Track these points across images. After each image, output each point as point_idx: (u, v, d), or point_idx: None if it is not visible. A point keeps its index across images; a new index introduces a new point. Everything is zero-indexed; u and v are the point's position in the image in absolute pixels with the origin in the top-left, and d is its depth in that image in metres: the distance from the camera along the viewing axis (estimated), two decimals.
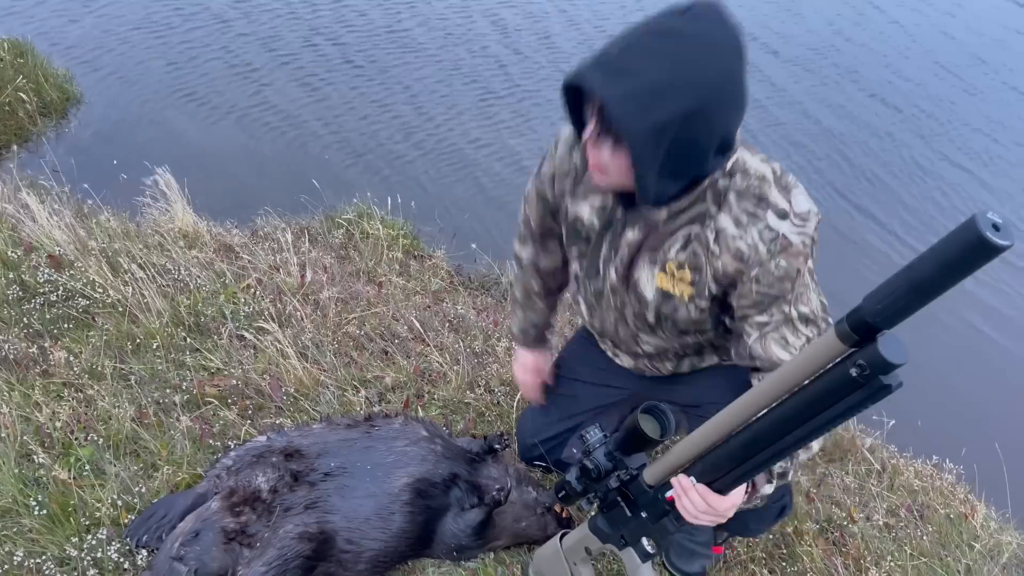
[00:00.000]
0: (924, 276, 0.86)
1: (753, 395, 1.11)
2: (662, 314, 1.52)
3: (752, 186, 1.36)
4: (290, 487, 1.78)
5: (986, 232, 0.78)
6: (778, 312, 1.40)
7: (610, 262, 1.53)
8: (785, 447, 1.10)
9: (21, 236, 2.83)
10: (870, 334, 0.93)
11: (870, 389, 0.95)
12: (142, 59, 5.46)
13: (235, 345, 2.46)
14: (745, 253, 1.37)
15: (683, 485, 1.20)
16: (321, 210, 3.66)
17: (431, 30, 6.36)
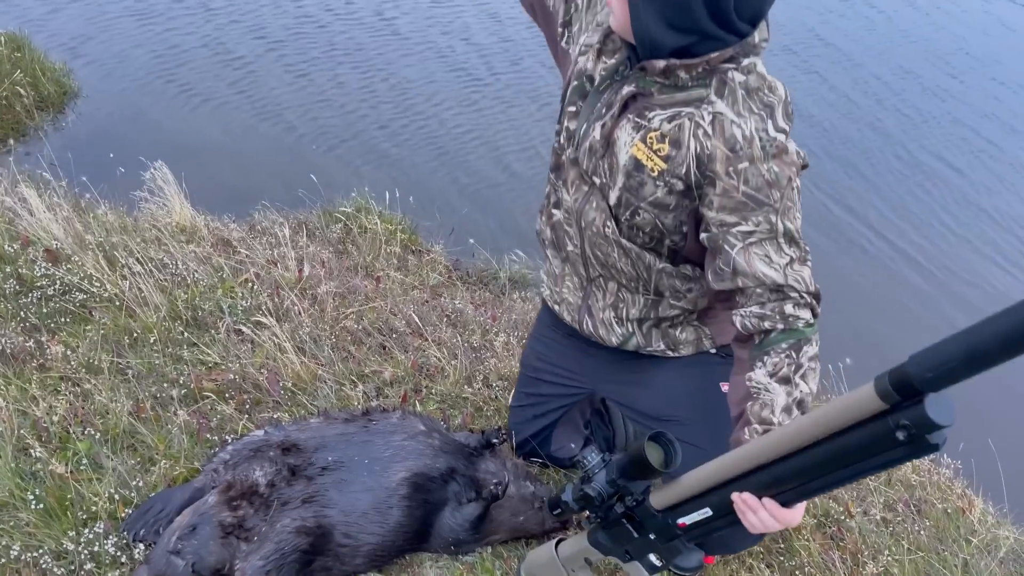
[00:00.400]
0: (983, 349, 0.81)
1: (781, 433, 1.07)
2: (629, 188, 1.46)
3: (764, 93, 1.35)
4: (287, 481, 1.77)
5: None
6: (764, 221, 1.35)
7: (599, 119, 1.49)
8: (813, 491, 1.08)
9: (18, 230, 2.82)
10: (912, 396, 0.89)
11: (915, 447, 0.92)
12: (140, 53, 5.44)
13: (233, 339, 2.46)
14: (739, 143, 1.33)
15: (750, 504, 1.14)
16: (319, 204, 3.65)
17: (431, 24, 6.34)
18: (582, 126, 1.52)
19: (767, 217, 1.35)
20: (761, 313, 1.38)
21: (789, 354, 1.36)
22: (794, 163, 1.35)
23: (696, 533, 1.28)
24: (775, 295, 1.37)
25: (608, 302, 1.71)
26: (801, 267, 1.38)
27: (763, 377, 1.37)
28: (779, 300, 1.37)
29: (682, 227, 1.49)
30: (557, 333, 1.93)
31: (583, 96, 1.54)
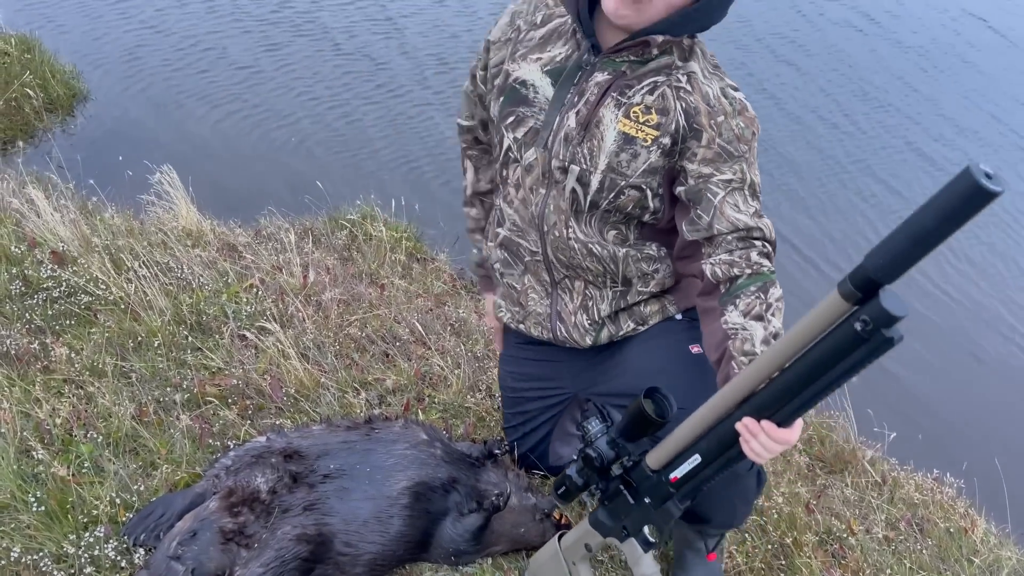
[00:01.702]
0: (924, 227, 0.90)
1: (762, 360, 1.13)
2: (616, 167, 1.49)
3: (709, 54, 1.50)
4: (289, 488, 1.77)
5: (981, 180, 0.84)
6: (740, 171, 1.45)
7: (571, 108, 1.51)
8: (798, 407, 1.14)
9: (25, 231, 2.83)
10: (872, 291, 0.97)
11: (874, 344, 0.99)
12: (149, 57, 5.46)
13: (236, 345, 2.46)
14: (712, 99, 1.45)
15: (751, 429, 1.19)
16: (325, 211, 3.66)
17: (440, 31, 6.36)
18: (552, 120, 1.52)
19: (740, 167, 1.46)
20: (730, 260, 1.46)
21: (758, 295, 1.43)
22: (755, 122, 1.48)
23: (687, 488, 1.33)
24: (743, 243, 1.46)
25: (577, 303, 1.72)
26: (762, 218, 1.49)
27: (738, 318, 1.43)
28: (746, 248, 1.46)
29: (659, 189, 1.54)
30: (525, 350, 1.94)
31: (519, 103, 1.55)
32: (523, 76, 1.54)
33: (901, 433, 2.80)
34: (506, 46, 1.59)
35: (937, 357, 4.09)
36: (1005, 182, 0.85)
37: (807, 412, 1.17)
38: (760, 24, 7.12)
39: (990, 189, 0.84)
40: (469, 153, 1.86)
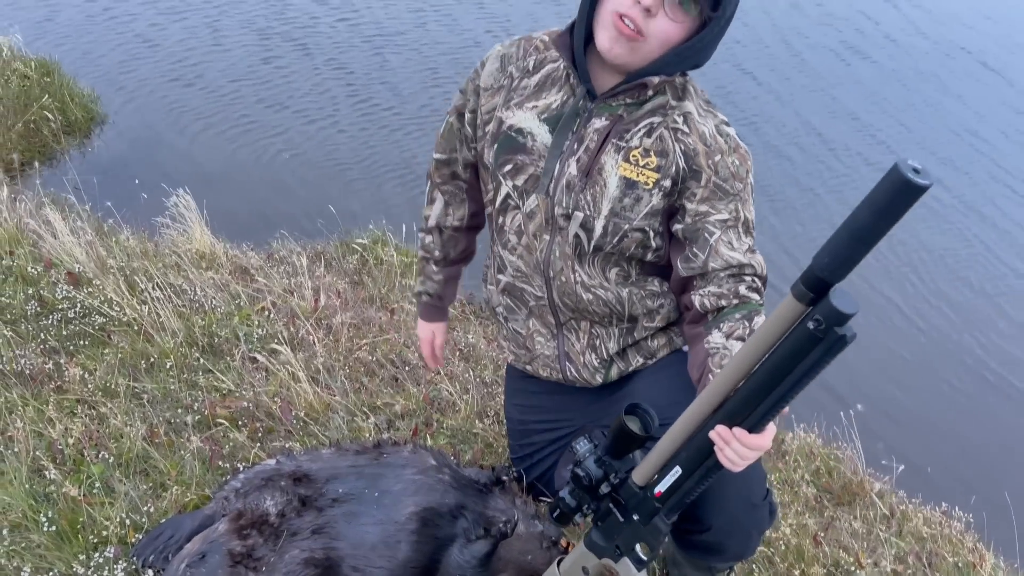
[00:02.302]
0: (862, 224, 0.94)
1: (728, 370, 1.16)
2: (619, 212, 1.50)
3: (701, 90, 1.51)
4: (298, 512, 1.78)
5: (908, 175, 0.87)
6: (734, 210, 1.47)
7: (572, 155, 1.51)
8: (765, 411, 1.16)
9: (42, 252, 2.87)
10: (823, 290, 1.00)
11: (828, 343, 1.02)
12: (166, 82, 5.56)
13: (247, 367, 2.48)
14: (708, 138, 1.46)
15: (724, 436, 1.20)
16: (336, 235, 3.70)
17: (453, 54, 6.44)
18: (552, 168, 1.53)
19: (736, 205, 1.48)
20: (719, 292, 1.48)
21: (743, 322, 1.45)
22: (748, 158, 1.50)
23: (672, 502, 1.34)
24: (733, 278, 1.48)
25: (584, 343, 1.73)
26: (755, 254, 1.51)
27: (720, 338, 1.45)
28: (736, 282, 1.48)
29: (660, 227, 1.55)
30: (531, 383, 1.94)
31: (517, 151, 1.55)
32: (519, 124, 1.54)
33: (909, 466, 2.79)
34: (498, 93, 1.58)
35: (945, 390, 4.08)
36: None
37: (776, 415, 1.19)
38: (739, 50, 7.19)
39: (918, 183, 0.87)
40: (443, 188, 1.83)
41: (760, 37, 7.48)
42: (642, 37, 1.36)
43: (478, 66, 1.62)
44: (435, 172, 1.83)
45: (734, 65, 6.87)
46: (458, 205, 1.84)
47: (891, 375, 4.11)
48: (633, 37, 1.36)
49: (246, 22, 6.46)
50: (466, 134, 1.70)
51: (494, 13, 7.16)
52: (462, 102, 1.68)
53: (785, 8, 8.18)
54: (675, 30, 1.37)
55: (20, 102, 4.63)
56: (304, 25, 6.57)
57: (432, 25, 6.84)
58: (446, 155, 1.77)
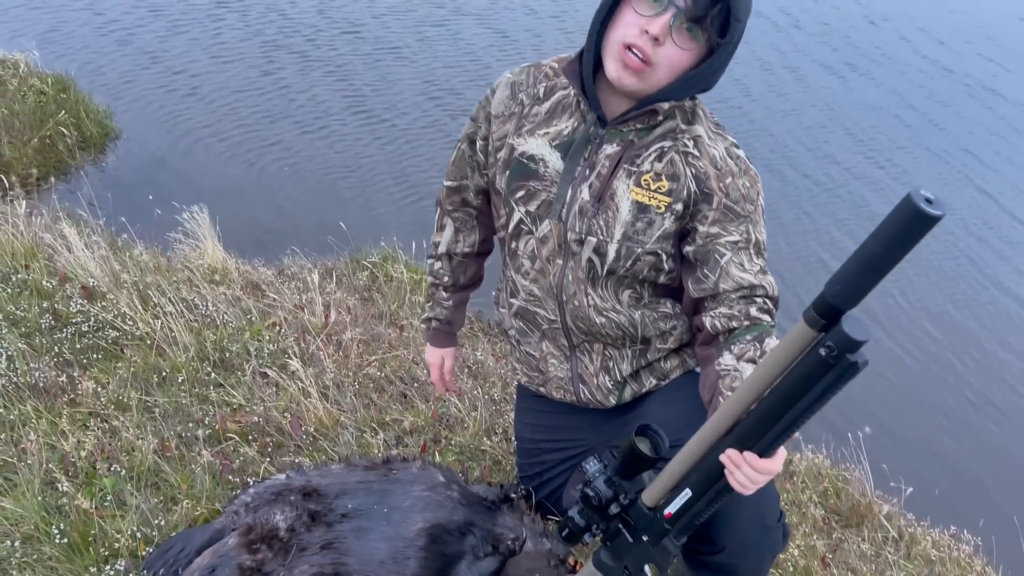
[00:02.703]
0: (874, 253, 0.95)
1: (739, 393, 1.17)
2: (632, 235, 1.51)
3: (709, 113, 1.52)
4: (307, 527, 1.79)
5: (921, 205, 0.88)
6: (745, 232, 1.48)
7: (584, 181, 1.53)
8: (776, 436, 1.16)
9: (56, 266, 2.90)
10: (835, 316, 1.01)
11: (840, 369, 1.03)
12: (180, 99, 5.63)
13: (258, 382, 2.50)
14: (718, 161, 1.48)
15: (734, 460, 1.21)
16: (347, 252, 3.73)
17: (467, 73, 6.50)
18: (564, 194, 1.54)
19: (747, 227, 1.49)
20: (729, 313, 1.49)
21: (753, 343, 1.45)
22: (758, 180, 1.51)
23: (681, 524, 1.35)
24: (744, 300, 1.49)
25: (598, 365, 1.74)
26: (766, 276, 1.52)
27: (731, 360, 1.45)
28: (746, 303, 1.49)
29: (672, 250, 1.57)
30: (542, 402, 1.94)
31: (529, 177, 1.57)
32: (531, 151, 1.56)
33: (918, 488, 2.78)
34: (509, 120, 1.60)
35: (955, 413, 4.06)
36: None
37: (787, 440, 1.20)
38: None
39: (931, 214, 0.88)
40: (453, 215, 1.84)
41: (757, 54, 7.53)
42: (649, 66, 1.38)
43: (488, 93, 1.64)
44: (445, 199, 1.84)
45: (734, 80, 6.92)
46: (468, 232, 1.86)
47: (900, 397, 4.10)
48: (640, 69, 1.39)
49: (260, 41, 6.54)
50: (478, 161, 1.72)
51: (499, 30, 7.23)
52: (473, 129, 1.70)
53: (785, 25, 8.23)
54: (683, 57, 1.39)
55: (36, 118, 4.70)
56: (314, 40, 6.65)
57: (441, 46, 6.90)
58: (457, 182, 1.79)
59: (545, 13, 7.59)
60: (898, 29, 8.65)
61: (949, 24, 9.05)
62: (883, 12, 8.97)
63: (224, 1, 7.12)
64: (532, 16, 7.52)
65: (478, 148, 1.69)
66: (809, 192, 5.76)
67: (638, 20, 1.36)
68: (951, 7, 9.50)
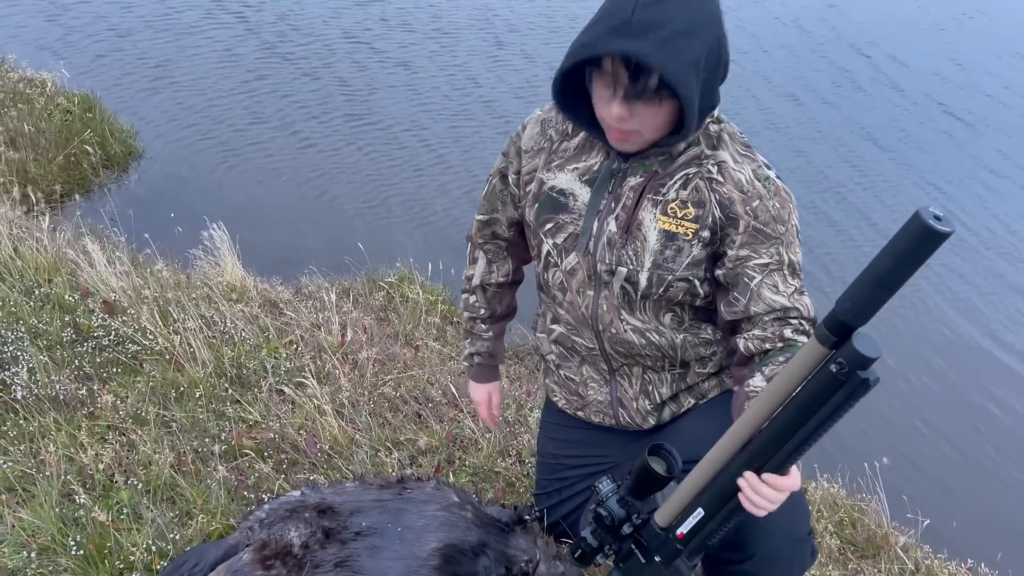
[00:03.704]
0: (884, 270, 0.96)
1: (751, 412, 1.17)
2: (662, 263, 1.52)
3: (736, 133, 1.51)
4: (321, 544, 1.79)
5: (930, 222, 0.89)
6: (776, 254, 1.47)
7: (610, 214, 1.53)
8: (788, 454, 1.17)
9: (79, 281, 2.95)
10: (846, 334, 1.02)
11: (851, 386, 1.03)
12: (203, 120, 5.72)
13: (274, 399, 2.52)
14: (745, 185, 1.47)
15: (752, 482, 1.21)
16: (364, 272, 3.76)
17: (487, 97, 6.56)
18: (590, 227, 1.55)
19: (776, 249, 1.48)
20: (763, 335, 1.49)
21: (784, 364, 1.44)
22: (790, 200, 1.50)
23: (694, 544, 1.35)
24: (778, 321, 1.49)
25: (637, 388, 1.74)
26: (802, 296, 1.51)
27: (760, 381, 1.45)
28: (781, 325, 1.48)
29: (706, 274, 1.57)
30: (571, 419, 1.93)
31: (558, 210, 1.58)
32: (560, 185, 1.58)
33: (935, 520, 2.75)
34: (539, 155, 1.62)
35: (973, 445, 4.02)
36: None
37: (800, 458, 1.20)
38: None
39: (939, 230, 0.89)
40: (485, 248, 1.86)
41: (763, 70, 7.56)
42: (634, 133, 1.41)
43: (519, 129, 1.67)
44: (477, 233, 1.86)
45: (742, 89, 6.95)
46: (501, 262, 1.87)
47: (917, 427, 4.06)
48: (626, 138, 1.42)
49: (282, 64, 6.65)
50: (511, 193, 1.73)
51: (523, 55, 7.31)
52: (504, 164, 1.71)
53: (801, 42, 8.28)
54: (659, 116, 1.38)
55: (62, 136, 4.78)
56: (333, 65, 6.75)
57: (463, 72, 6.99)
58: (488, 215, 1.80)
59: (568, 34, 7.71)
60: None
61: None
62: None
63: (249, 24, 7.25)
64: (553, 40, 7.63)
65: (511, 182, 1.71)
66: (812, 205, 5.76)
67: (601, 100, 1.39)
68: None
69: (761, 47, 8.21)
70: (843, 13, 9.29)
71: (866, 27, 8.98)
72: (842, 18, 9.16)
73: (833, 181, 6.16)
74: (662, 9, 1.27)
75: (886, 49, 8.52)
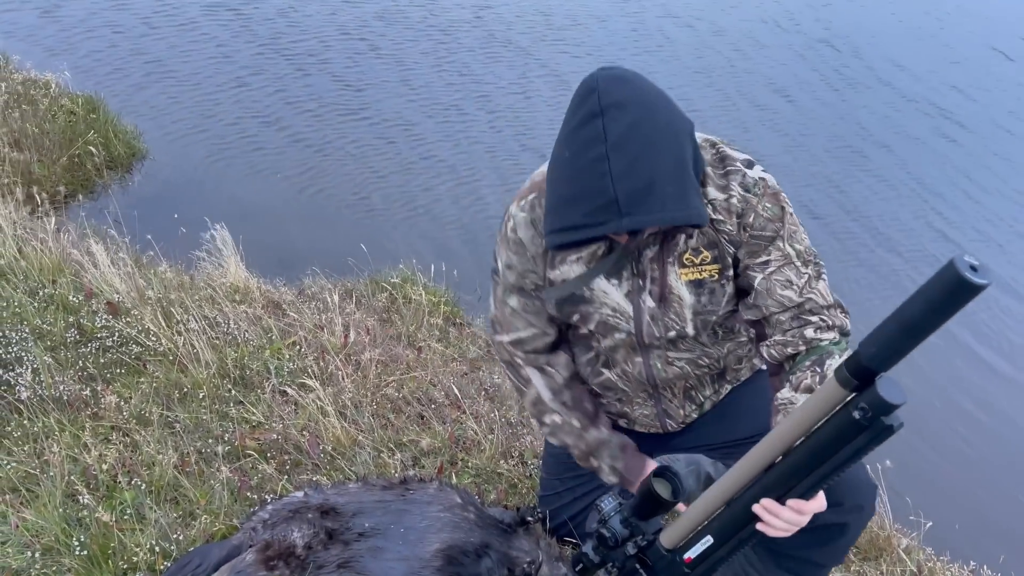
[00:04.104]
0: (912, 318, 0.92)
1: (765, 444, 1.16)
2: (702, 310, 1.53)
3: (712, 155, 1.49)
4: (324, 545, 1.80)
5: (965, 273, 0.85)
6: (776, 251, 1.47)
7: (642, 291, 1.53)
8: (806, 488, 1.15)
9: (83, 282, 2.95)
10: (869, 378, 0.99)
11: (874, 431, 1.01)
12: (207, 121, 5.72)
13: (277, 400, 2.52)
14: (739, 207, 1.47)
15: (771, 509, 1.20)
16: (367, 273, 3.76)
17: (490, 100, 6.56)
18: (627, 309, 1.55)
19: (777, 246, 1.48)
20: (784, 340, 1.48)
21: (813, 368, 1.44)
22: (779, 192, 1.49)
23: (701, 569, 1.33)
24: (795, 321, 1.48)
25: (681, 397, 1.75)
26: (817, 282, 1.49)
27: (788, 392, 1.45)
28: (800, 325, 1.47)
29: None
30: None
31: (579, 302, 1.58)
32: (570, 277, 1.56)
33: (938, 522, 2.74)
34: (545, 256, 1.58)
35: (976, 447, 4.01)
36: (993, 274, 0.85)
37: (816, 494, 1.18)
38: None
39: (975, 282, 0.85)
40: (535, 361, 1.72)
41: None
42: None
43: (511, 237, 1.59)
44: (511, 353, 1.74)
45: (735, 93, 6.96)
46: (555, 361, 1.74)
47: (921, 430, 4.06)
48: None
49: (285, 65, 6.65)
50: (541, 298, 1.65)
51: (530, 62, 7.32)
52: (517, 278, 1.63)
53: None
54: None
55: (66, 137, 4.79)
56: (340, 65, 6.76)
57: (467, 76, 6.99)
58: (520, 333, 1.70)
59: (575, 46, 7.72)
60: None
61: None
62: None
63: (252, 25, 7.26)
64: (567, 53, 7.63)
65: (533, 288, 1.64)
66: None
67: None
68: None
69: (758, 45, 8.22)
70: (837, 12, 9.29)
71: (861, 25, 8.99)
72: (836, 16, 9.18)
73: (823, 178, 6.15)
74: (637, 167, 1.25)
75: (883, 47, 8.52)
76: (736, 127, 6.57)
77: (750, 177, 1.47)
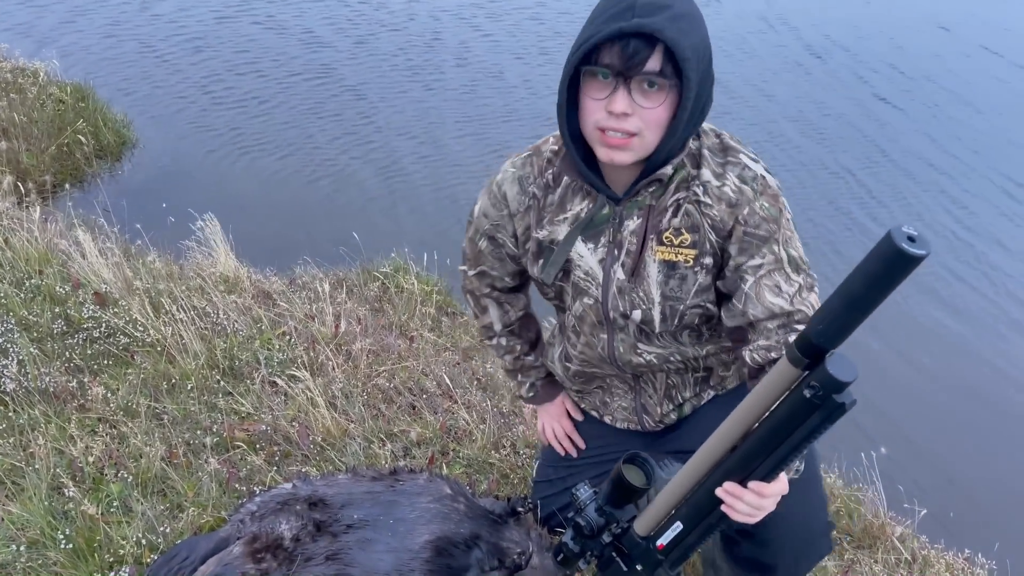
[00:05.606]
0: (856, 292, 0.91)
1: (724, 429, 1.15)
2: (670, 295, 1.49)
3: (715, 142, 1.46)
4: (312, 537, 1.78)
5: (902, 244, 0.84)
6: (769, 253, 1.42)
7: (615, 261, 1.50)
8: (767, 470, 1.15)
9: (70, 272, 2.92)
10: (819, 356, 0.98)
11: (827, 410, 1.00)
12: (195, 109, 5.68)
13: (267, 391, 2.50)
14: (732, 197, 1.42)
15: (734, 492, 1.19)
16: (359, 263, 3.73)
17: (483, 89, 6.52)
18: (597, 275, 1.53)
19: (771, 249, 1.42)
20: (767, 345, 1.43)
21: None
22: (779, 194, 1.45)
23: (675, 555, 1.34)
24: (781, 328, 1.42)
25: (661, 394, 1.73)
26: (808, 293, 1.44)
27: None
28: (784, 332, 1.42)
29: (715, 298, 1.53)
30: (589, 414, 1.93)
31: (559, 262, 1.56)
32: (556, 237, 1.55)
33: (932, 510, 2.73)
34: (528, 214, 1.58)
35: (972, 435, 4.00)
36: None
37: (777, 476, 1.18)
38: None
39: (913, 253, 0.84)
40: (490, 296, 1.81)
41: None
42: (634, 136, 1.34)
43: (494, 190, 1.61)
44: (476, 285, 1.81)
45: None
46: (513, 300, 1.84)
47: (915, 417, 4.05)
48: (626, 144, 1.35)
49: (275, 54, 6.60)
50: (508, 253, 1.68)
51: (519, 52, 7.27)
52: (489, 226, 1.66)
53: None
54: (660, 112, 1.32)
55: (54, 126, 4.74)
56: (323, 52, 6.71)
57: (458, 65, 6.94)
58: (482, 268, 1.75)
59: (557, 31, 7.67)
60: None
61: None
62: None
63: (241, 14, 7.19)
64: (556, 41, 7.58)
65: (505, 243, 1.66)
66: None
67: (598, 105, 1.33)
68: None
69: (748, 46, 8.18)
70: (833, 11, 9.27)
71: (857, 24, 8.95)
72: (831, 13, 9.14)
73: (819, 178, 6.13)
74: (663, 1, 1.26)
75: (875, 43, 8.48)
76: (737, 127, 6.54)
77: (750, 171, 1.43)
